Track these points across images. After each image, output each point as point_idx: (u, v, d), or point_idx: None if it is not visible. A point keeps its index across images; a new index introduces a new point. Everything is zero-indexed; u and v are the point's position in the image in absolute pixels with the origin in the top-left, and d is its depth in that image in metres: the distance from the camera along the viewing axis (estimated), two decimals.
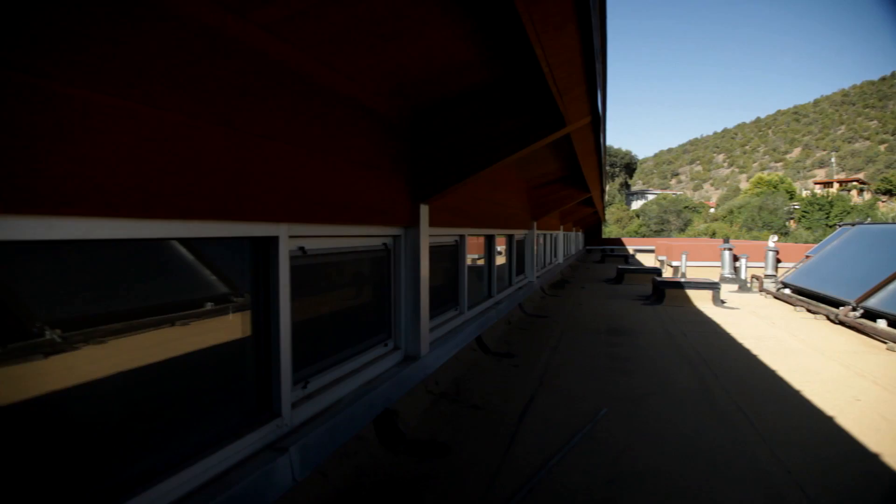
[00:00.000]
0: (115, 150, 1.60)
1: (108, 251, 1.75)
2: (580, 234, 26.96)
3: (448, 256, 5.27)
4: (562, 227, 15.53)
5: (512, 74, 3.56)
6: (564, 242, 17.17)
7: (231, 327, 2.33)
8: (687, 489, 2.70)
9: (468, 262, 6.00)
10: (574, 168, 7.97)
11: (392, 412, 3.32)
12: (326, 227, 2.94)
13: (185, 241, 2.05)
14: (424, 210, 4.00)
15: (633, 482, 2.76)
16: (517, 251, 8.72)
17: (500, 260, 7.80)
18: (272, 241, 2.44)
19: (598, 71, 3.24)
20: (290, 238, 2.58)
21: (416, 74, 3.23)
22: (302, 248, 2.75)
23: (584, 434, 3.38)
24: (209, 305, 2.21)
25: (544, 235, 12.24)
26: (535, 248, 10.10)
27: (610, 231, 62.87)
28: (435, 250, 4.65)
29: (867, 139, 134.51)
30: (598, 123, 4.62)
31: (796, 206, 68.00)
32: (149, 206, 1.73)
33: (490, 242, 6.86)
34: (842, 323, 7.45)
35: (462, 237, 5.46)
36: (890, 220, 36.93)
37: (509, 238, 8.12)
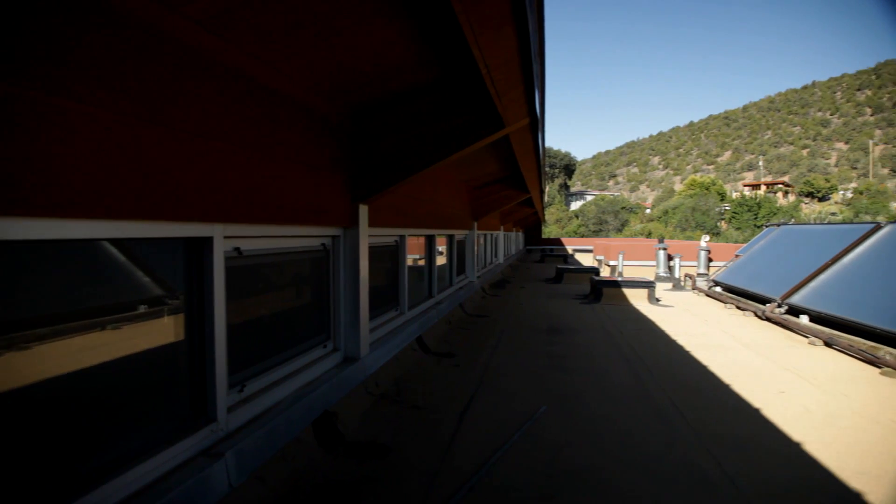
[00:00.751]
0: (41, 148, 1.54)
1: (33, 253, 1.67)
2: (520, 234, 27.32)
3: (388, 257, 5.26)
4: (502, 228, 15.70)
5: (452, 75, 3.58)
6: (505, 242, 17.37)
7: (165, 330, 2.27)
8: (622, 484, 2.78)
9: (409, 262, 6.00)
10: (514, 169, 8.07)
11: (331, 414, 3.29)
12: (263, 228, 2.89)
13: (116, 242, 1.98)
14: (364, 210, 3.98)
15: (570, 478, 2.82)
16: (458, 251, 8.77)
17: (442, 260, 7.83)
18: (206, 242, 2.39)
19: (536, 73, 3.30)
20: (226, 238, 2.52)
21: (356, 73, 3.22)
22: (238, 249, 2.69)
23: (524, 432, 3.43)
24: (142, 308, 2.14)
25: (485, 236, 12.36)
26: (476, 248, 10.18)
27: (550, 231, 63.83)
28: (375, 250, 4.63)
29: (791, 144, 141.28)
30: (536, 125, 4.70)
31: (727, 208, 70.67)
32: (75, 206, 1.66)
33: (431, 243, 6.88)
34: (768, 319, 7.81)
35: (402, 237, 5.46)
36: (812, 221, 38.84)
37: (450, 238, 8.16)
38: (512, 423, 3.59)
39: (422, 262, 6.78)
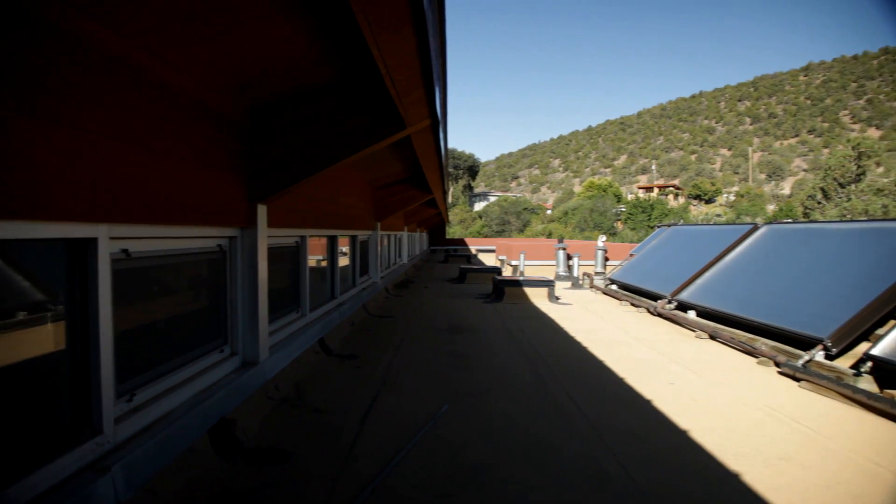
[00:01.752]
0: None
1: None
2: (424, 234, 27.44)
3: (289, 258, 5.15)
4: (406, 228, 15.72)
5: (353, 74, 3.56)
6: (409, 243, 17.40)
7: (47, 338, 2.12)
8: (520, 479, 2.87)
9: (312, 263, 5.90)
10: (417, 170, 8.11)
11: (229, 421, 3.19)
12: (154, 228, 2.75)
13: None
14: (262, 210, 3.88)
15: (470, 477, 2.87)
16: (361, 252, 8.71)
17: (345, 261, 7.75)
18: (90, 244, 2.24)
19: (437, 74, 3.33)
20: (112, 240, 2.38)
21: (256, 70, 3.13)
22: (125, 251, 2.55)
23: (426, 432, 3.46)
24: (22, 315, 1.99)
25: (389, 236, 12.33)
26: (380, 248, 10.15)
27: (454, 232, 64.45)
28: (275, 252, 4.52)
29: (681, 149, 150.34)
30: (437, 126, 4.74)
31: (623, 209, 73.99)
32: None
33: (333, 243, 6.79)
34: (660, 315, 8.26)
35: (303, 238, 5.35)
36: (699, 222, 41.32)
37: (353, 239, 8.09)
38: (414, 423, 3.62)
39: (324, 263, 6.68)
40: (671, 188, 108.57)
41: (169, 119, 2.75)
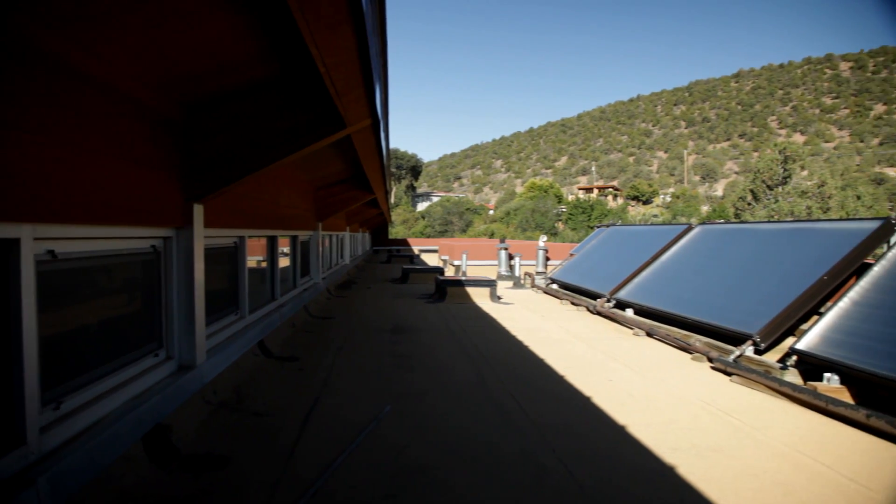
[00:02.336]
0: None
1: None
2: (367, 234, 27.28)
3: (227, 259, 5.03)
4: (348, 228, 15.59)
5: (293, 72, 3.51)
6: (351, 243, 17.26)
7: None
8: (462, 479, 2.89)
9: (252, 264, 5.78)
10: (358, 169, 8.05)
11: (164, 427, 3.09)
12: (83, 228, 2.64)
13: None
14: (199, 210, 3.77)
15: (412, 477, 2.87)
16: (302, 253, 8.59)
17: (285, 262, 7.63)
18: (12, 245, 2.13)
19: (377, 74, 3.32)
20: (37, 241, 2.27)
21: (191, 66, 3.04)
22: (52, 252, 2.44)
23: (368, 433, 3.44)
24: None
25: (330, 236, 12.20)
26: (321, 249, 10.03)
27: (396, 232, 64.34)
28: (212, 252, 4.41)
29: (620, 151, 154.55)
30: (378, 126, 4.72)
31: (563, 209, 75.41)
32: None
33: (273, 244, 6.67)
34: (599, 313, 8.44)
35: (242, 238, 5.24)
36: (637, 222, 42.49)
37: (293, 239, 7.96)
38: (356, 424, 3.59)
39: (264, 264, 6.56)
40: (610, 189, 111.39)
41: (96, 114, 2.64)
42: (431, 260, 24.05)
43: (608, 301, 8.46)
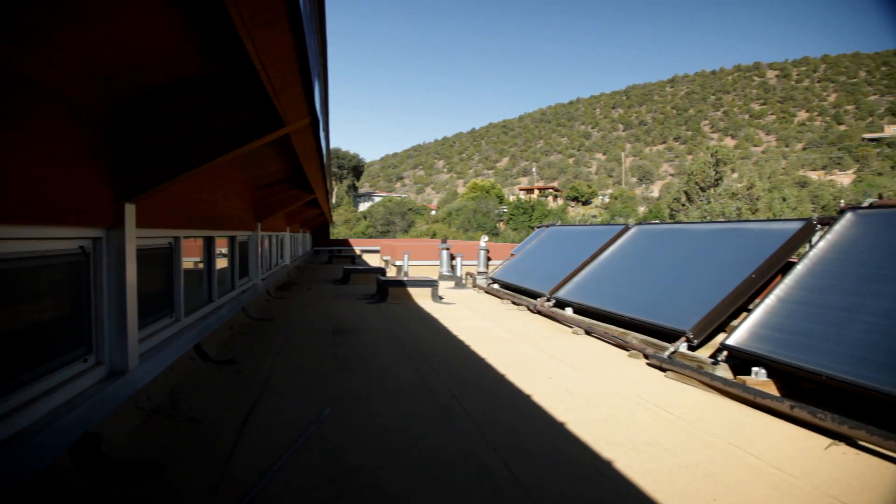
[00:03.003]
0: None
1: None
2: (308, 235, 26.89)
3: (162, 260, 4.87)
4: (288, 229, 15.34)
5: (230, 68, 3.42)
6: (291, 244, 16.98)
7: None
8: (403, 480, 2.89)
9: (189, 265, 5.62)
10: (298, 169, 7.93)
11: (94, 435, 2.96)
12: (2, 229, 2.51)
13: None
14: (131, 210, 3.63)
15: (352, 480, 2.85)
16: (241, 253, 8.39)
17: (223, 263, 7.44)
18: None
19: (317, 72, 3.28)
20: None
21: (120, 60, 2.93)
22: None
23: (308, 436, 3.39)
24: None
25: (270, 237, 11.97)
26: (260, 249, 9.83)
27: (338, 232, 63.76)
28: (146, 253, 4.26)
29: (560, 153, 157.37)
30: (318, 125, 4.66)
31: (505, 210, 76.25)
32: None
33: (210, 244, 6.50)
34: (539, 312, 8.56)
35: (177, 239, 5.08)
36: (576, 223, 43.37)
37: (231, 240, 7.78)
38: (296, 427, 3.53)
39: (201, 266, 6.38)
40: (551, 190, 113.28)
41: (18, 110, 2.51)
42: (373, 260, 23.92)
43: (548, 300, 8.60)
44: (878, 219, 4.98)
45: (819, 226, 5.62)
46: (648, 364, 5.35)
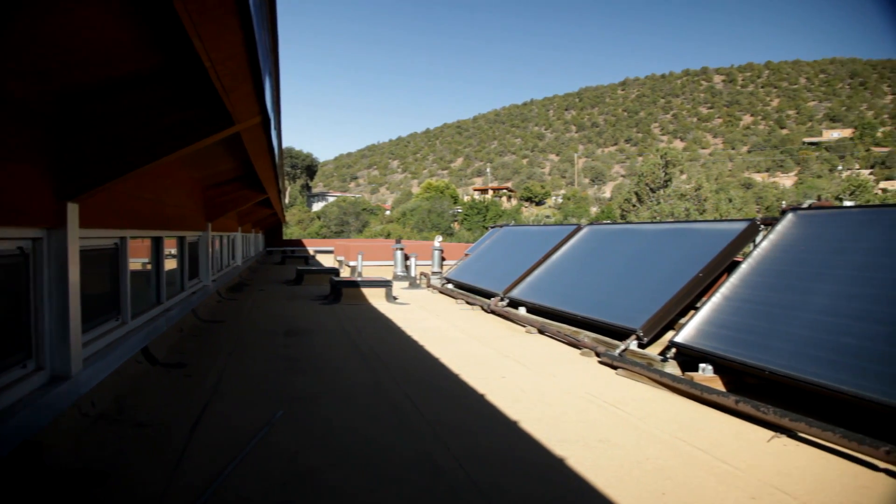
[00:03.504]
0: None
1: None
2: (260, 235, 26.47)
3: (107, 261, 4.72)
4: (240, 229, 15.07)
5: (178, 65, 3.34)
6: (243, 244, 16.69)
7: None
8: (356, 482, 2.88)
9: (138, 266, 5.47)
10: (249, 168, 7.80)
11: (33, 444, 2.85)
12: None
13: None
14: (74, 209, 3.51)
15: (305, 483, 2.83)
16: (190, 254, 8.21)
17: (172, 264, 7.26)
18: None
19: (268, 70, 3.22)
20: None
21: (65, 55, 2.83)
22: None
23: (259, 439, 3.34)
24: None
25: (221, 237, 11.74)
26: (211, 250, 9.63)
27: (291, 232, 62.93)
28: (90, 254, 4.12)
29: (514, 154, 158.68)
30: (269, 123, 4.59)
31: (459, 210, 76.44)
32: None
33: (158, 245, 6.33)
34: (493, 312, 8.62)
35: (124, 239, 4.93)
36: (530, 223, 43.83)
37: (181, 240, 7.60)
38: (247, 431, 3.48)
39: (149, 267, 6.21)
40: (505, 190, 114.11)
41: None
42: (327, 261, 23.70)
43: (502, 300, 8.66)
44: (817, 219, 5.19)
45: (762, 226, 5.82)
46: (600, 362, 5.45)
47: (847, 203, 7.30)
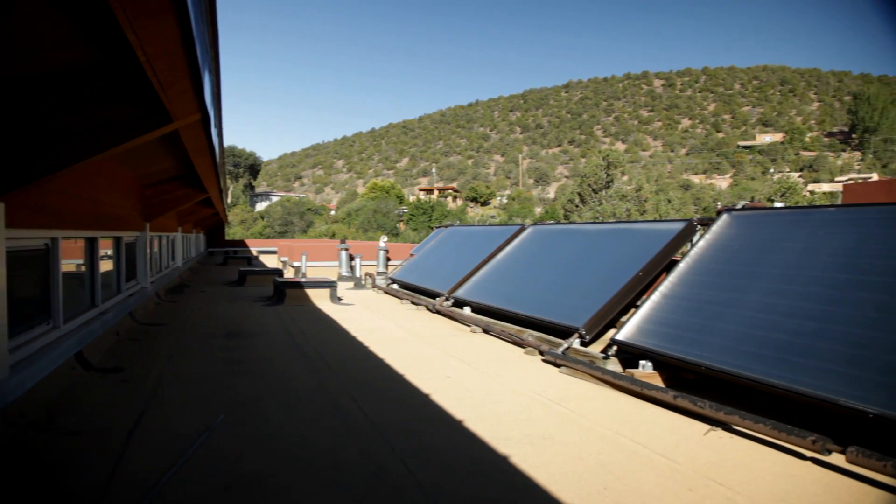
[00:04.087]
0: None
1: None
2: (202, 235, 25.80)
3: (37, 262, 4.52)
4: (181, 229, 14.66)
5: (113, 58, 3.22)
6: (184, 245, 16.23)
7: None
8: (301, 485, 2.84)
9: (70, 268, 5.26)
10: (189, 167, 7.60)
11: None
12: None
13: None
14: (0, 208, 3.36)
15: (249, 487, 2.77)
16: (127, 255, 7.93)
17: (108, 265, 7.01)
18: None
19: (208, 66, 3.15)
20: None
21: None
22: None
23: (200, 444, 3.26)
24: None
25: (160, 238, 11.39)
26: (149, 251, 9.33)
27: (234, 233, 61.68)
28: (18, 256, 3.94)
29: (459, 154, 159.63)
30: (209, 121, 4.48)
31: (405, 210, 76.40)
32: None
33: (93, 246, 6.10)
34: (438, 312, 8.62)
35: (55, 240, 4.73)
36: (475, 223, 44.11)
37: (117, 241, 7.34)
38: (187, 436, 3.38)
39: (83, 268, 5.98)
40: (450, 191, 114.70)
41: None
42: (271, 261, 23.31)
43: (447, 300, 8.69)
44: (750, 220, 5.41)
45: (699, 226, 6.02)
46: (544, 360, 5.53)
47: (777, 204, 7.62)
